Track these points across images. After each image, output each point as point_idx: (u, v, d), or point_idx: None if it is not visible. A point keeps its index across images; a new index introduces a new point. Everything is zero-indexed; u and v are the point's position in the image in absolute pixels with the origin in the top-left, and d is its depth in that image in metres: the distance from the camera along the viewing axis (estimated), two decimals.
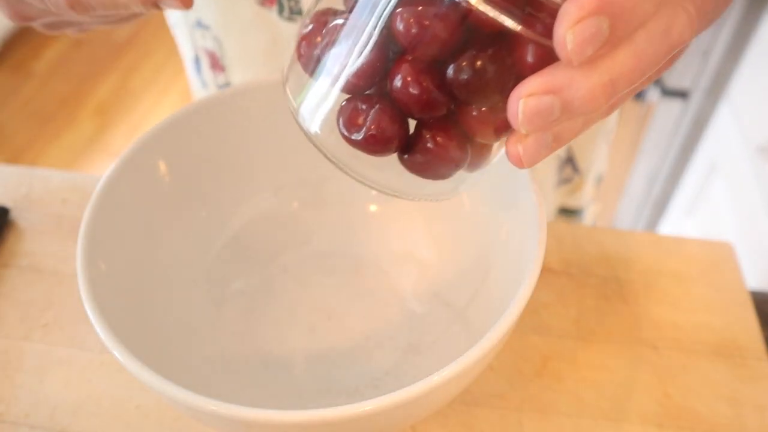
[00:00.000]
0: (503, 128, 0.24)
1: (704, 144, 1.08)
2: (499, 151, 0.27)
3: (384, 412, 0.25)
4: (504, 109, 0.22)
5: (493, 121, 0.24)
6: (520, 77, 0.21)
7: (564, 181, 0.59)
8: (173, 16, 0.53)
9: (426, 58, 0.23)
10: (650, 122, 1.22)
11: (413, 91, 0.23)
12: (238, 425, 0.26)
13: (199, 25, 0.50)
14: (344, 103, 0.25)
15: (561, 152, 0.56)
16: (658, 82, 1.14)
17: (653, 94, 1.19)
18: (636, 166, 1.31)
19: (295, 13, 0.45)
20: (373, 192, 0.44)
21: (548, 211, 0.60)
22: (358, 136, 0.24)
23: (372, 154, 0.25)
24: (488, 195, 0.38)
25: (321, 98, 0.25)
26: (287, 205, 0.43)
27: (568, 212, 0.62)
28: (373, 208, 0.44)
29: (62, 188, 0.48)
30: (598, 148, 0.59)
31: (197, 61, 0.54)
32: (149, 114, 1.83)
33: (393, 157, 0.26)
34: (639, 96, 1.28)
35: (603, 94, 0.21)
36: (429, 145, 0.25)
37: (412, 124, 0.25)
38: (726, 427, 0.36)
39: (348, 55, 0.24)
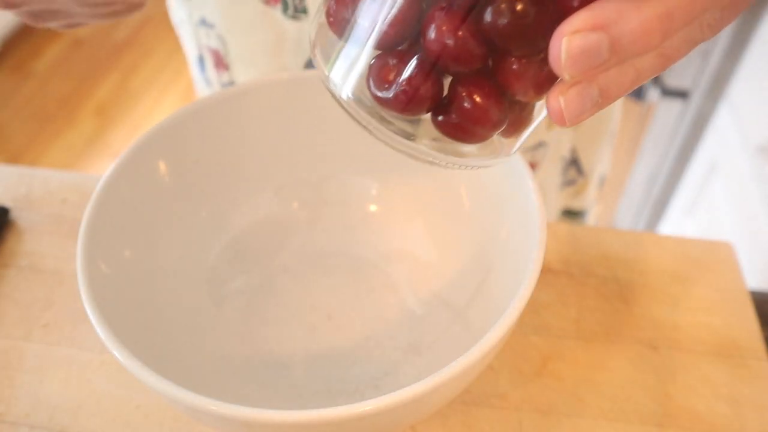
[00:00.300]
0: (545, 83, 0.22)
1: (704, 144, 1.08)
2: (540, 114, 0.25)
3: (384, 412, 0.25)
4: (546, 60, 0.20)
5: (533, 74, 0.22)
6: (563, 18, 0.20)
7: (568, 182, 0.58)
8: (177, 15, 0.53)
9: (461, 4, 0.21)
10: (650, 122, 1.22)
11: (448, 41, 0.21)
12: (238, 425, 0.26)
13: (204, 23, 0.50)
14: (374, 60, 0.23)
15: (565, 153, 0.56)
16: (658, 82, 1.14)
17: (653, 94, 1.19)
18: (636, 166, 1.31)
19: (299, 11, 0.45)
20: (373, 191, 0.45)
21: (552, 213, 0.60)
22: (388, 94, 0.23)
23: (403, 113, 0.23)
24: (488, 195, 0.38)
25: (353, 60, 0.24)
26: (287, 205, 0.43)
27: (572, 214, 0.61)
28: (373, 208, 0.44)
29: (62, 188, 0.48)
30: (602, 149, 0.59)
31: (201, 59, 0.54)
32: (149, 114, 1.83)
33: (428, 122, 0.24)
34: (639, 96, 1.28)
35: (658, 27, 0.19)
36: (465, 104, 0.23)
37: (446, 86, 0.24)
38: (726, 427, 0.36)
39: (381, 5, 0.22)
